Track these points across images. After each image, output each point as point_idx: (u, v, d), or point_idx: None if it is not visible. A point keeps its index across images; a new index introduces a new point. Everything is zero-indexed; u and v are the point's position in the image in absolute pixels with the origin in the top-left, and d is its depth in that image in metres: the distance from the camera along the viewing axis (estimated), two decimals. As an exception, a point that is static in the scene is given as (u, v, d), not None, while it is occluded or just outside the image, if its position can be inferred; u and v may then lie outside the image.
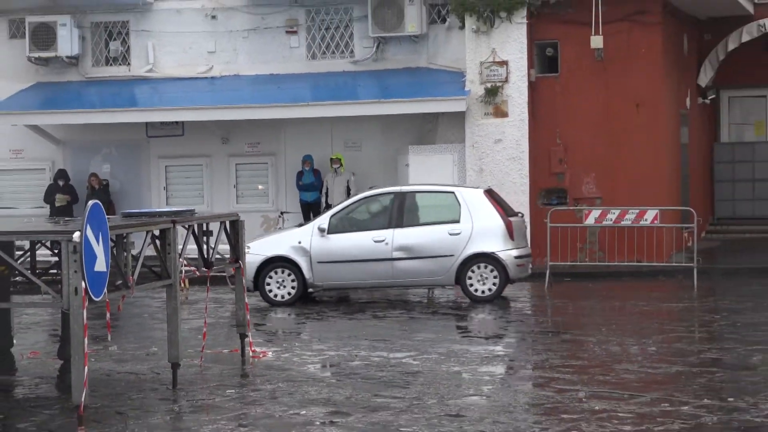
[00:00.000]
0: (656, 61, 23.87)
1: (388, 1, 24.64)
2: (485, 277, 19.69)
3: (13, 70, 26.81)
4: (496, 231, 19.70)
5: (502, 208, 20.58)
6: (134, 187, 26.61)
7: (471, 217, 19.46)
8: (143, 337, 15.93)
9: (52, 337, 14.97)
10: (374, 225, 20.48)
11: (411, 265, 19.82)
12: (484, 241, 19.61)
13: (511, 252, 19.93)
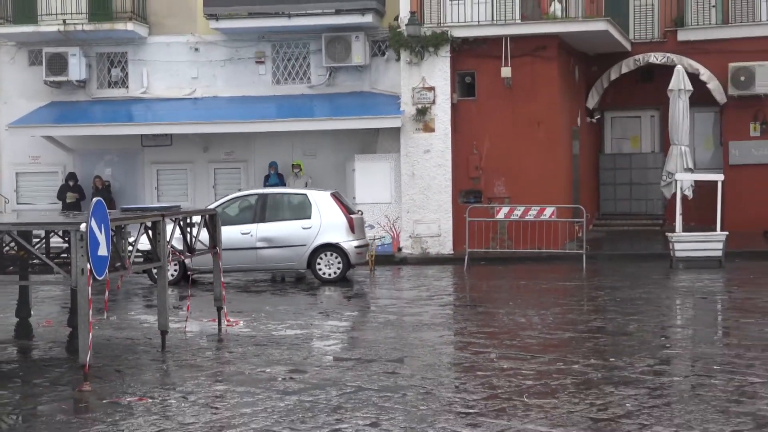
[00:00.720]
0: (553, 88, 24.03)
1: (338, 38, 24.68)
2: (331, 263, 20.11)
3: (32, 91, 26.62)
4: (339, 226, 20.17)
5: (345, 207, 21.10)
6: (131, 187, 26.47)
7: (320, 214, 19.84)
8: (138, 309, 15.88)
9: (63, 309, 14.91)
10: (242, 220, 20.62)
11: (272, 253, 20.18)
12: (330, 234, 20.03)
13: (352, 243, 20.36)
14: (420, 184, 24.21)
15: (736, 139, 26.71)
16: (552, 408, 8.65)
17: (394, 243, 24.17)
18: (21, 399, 9.52)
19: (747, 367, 10.33)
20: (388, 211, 24.45)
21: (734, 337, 12.54)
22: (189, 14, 26.12)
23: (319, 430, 7.99)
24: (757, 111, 26.46)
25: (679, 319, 14.80)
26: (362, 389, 9.52)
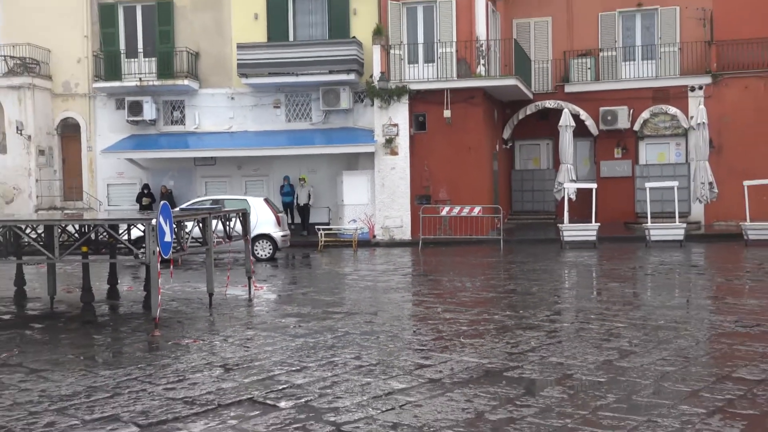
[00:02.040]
0: (479, 124, 24.10)
1: (330, 90, 24.63)
2: (264, 247, 20.02)
3: (118, 127, 26.43)
4: (269, 221, 20.03)
5: (273, 208, 21.05)
6: (186, 194, 26.30)
7: (256, 213, 19.16)
8: (193, 279, 15.82)
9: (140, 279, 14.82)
10: None
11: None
12: (263, 227, 19.82)
13: (278, 233, 20.37)
14: (388, 191, 24.26)
15: (604, 159, 26.94)
16: (480, 345, 8.69)
17: (370, 232, 24.20)
18: (111, 341, 9.52)
19: (613, 316, 10.41)
20: (365, 209, 24.49)
21: (604, 295, 12.64)
22: (227, 73, 26.01)
23: (319, 362, 7.99)
24: (618, 140, 26.67)
25: (566, 283, 14.91)
26: (349, 333, 9.54)
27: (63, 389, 7.04)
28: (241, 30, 25.82)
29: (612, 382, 6.97)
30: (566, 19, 27.53)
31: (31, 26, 26.41)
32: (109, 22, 26.47)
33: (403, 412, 6.15)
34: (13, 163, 26.06)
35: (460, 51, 24.31)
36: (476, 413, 6.11)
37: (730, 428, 5.63)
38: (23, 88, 25.85)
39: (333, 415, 6.12)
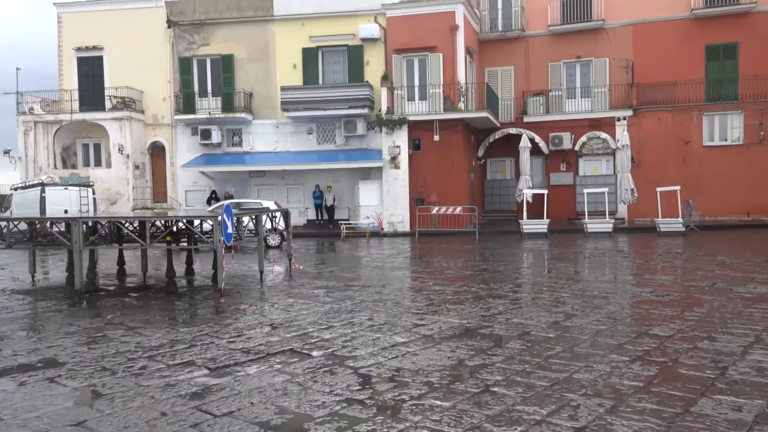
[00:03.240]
0: (460, 146, 24.04)
1: (349, 121, 24.58)
2: (274, 238, 19.20)
3: (192, 148, 26.48)
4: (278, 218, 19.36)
5: (281, 209, 20.31)
6: (244, 198, 26.36)
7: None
8: (248, 260, 15.82)
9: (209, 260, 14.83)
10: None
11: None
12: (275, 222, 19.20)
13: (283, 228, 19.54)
14: (392, 196, 24.19)
15: (553, 171, 26.81)
16: (461, 310, 8.65)
17: (379, 226, 24.15)
18: (188, 306, 9.51)
19: (560, 288, 10.36)
20: (376, 209, 24.42)
21: (553, 272, 12.59)
22: (273, 108, 26.00)
23: (341, 322, 7.97)
24: (563, 157, 26.57)
25: (525, 264, 14.84)
26: (364, 301, 9.51)
27: (153, 342, 7.06)
28: (283, 76, 25.81)
29: (559, 337, 6.94)
30: (524, 68, 27.50)
31: (130, 74, 26.47)
32: (187, 70, 26.50)
33: (404, 359, 6.14)
34: (116, 175, 26.13)
35: (445, 91, 24.25)
36: (458, 360, 6.09)
37: (647, 371, 5.60)
38: (123, 119, 25.91)
39: (352, 361, 6.11)
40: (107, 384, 5.49)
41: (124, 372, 5.85)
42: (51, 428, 4.49)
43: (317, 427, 4.44)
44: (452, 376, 5.59)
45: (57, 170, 26.06)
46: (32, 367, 6.09)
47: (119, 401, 5.03)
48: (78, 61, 27.09)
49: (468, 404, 4.84)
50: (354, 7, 25.22)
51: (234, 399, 5.04)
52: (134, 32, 26.52)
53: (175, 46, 26.56)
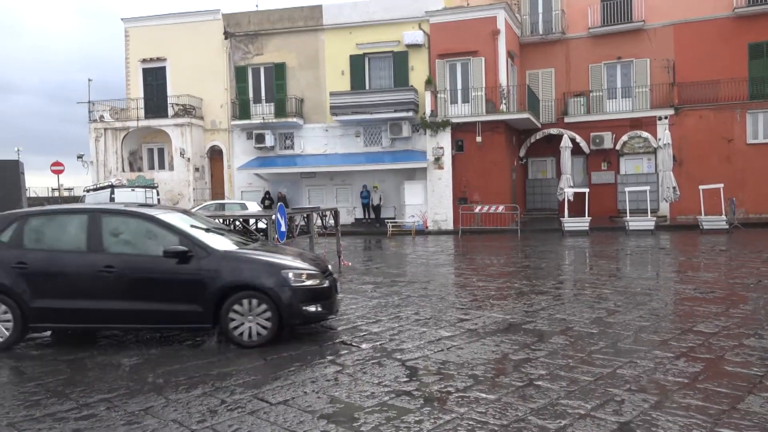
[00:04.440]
0: (502, 146, 23.73)
1: (395, 124, 24.59)
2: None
3: (248, 151, 26.92)
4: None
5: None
6: (296, 197, 26.69)
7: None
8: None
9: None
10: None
11: None
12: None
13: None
14: (436, 195, 24.04)
15: (594, 170, 26.20)
16: (505, 306, 8.53)
17: (424, 224, 24.05)
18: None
19: (602, 285, 10.11)
20: (421, 208, 24.32)
21: (595, 269, 12.30)
22: (323, 113, 26.19)
23: (389, 316, 7.97)
24: (604, 157, 25.93)
25: (566, 261, 14.53)
26: (410, 296, 9.49)
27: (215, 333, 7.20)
28: (332, 82, 25.98)
29: (602, 333, 6.77)
30: (565, 70, 26.95)
31: (190, 83, 27.12)
32: (242, 78, 26.97)
33: (449, 353, 6.09)
34: (178, 177, 26.82)
35: (487, 94, 23.95)
36: (502, 354, 6.01)
37: (692, 368, 5.40)
38: (184, 125, 26.57)
39: (400, 354, 6.09)
40: (172, 372, 5.62)
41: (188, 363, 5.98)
42: (121, 413, 4.62)
43: (367, 416, 4.45)
44: (497, 369, 5.51)
45: (125, 173, 26.91)
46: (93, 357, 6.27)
47: (183, 388, 5.14)
48: (143, 72, 27.91)
49: (513, 397, 4.77)
50: (399, 15, 25.19)
51: (288, 388, 5.08)
52: (194, 44, 27.16)
53: (232, 56, 27.06)
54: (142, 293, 6.23)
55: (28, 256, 6.40)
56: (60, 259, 6.38)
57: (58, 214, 6.87)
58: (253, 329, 6.29)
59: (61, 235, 6.58)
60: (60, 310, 6.30)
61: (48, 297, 6.28)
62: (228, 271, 6.24)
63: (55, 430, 4.34)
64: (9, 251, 6.46)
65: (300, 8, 26.52)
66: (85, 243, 6.43)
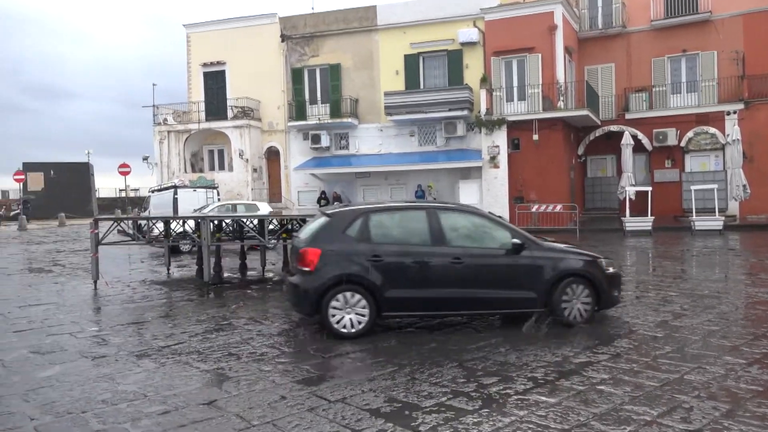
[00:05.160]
0: (559, 144, 23.24)
1: (450, 122, 24.46)
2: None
3: (304, 152, 27.31)
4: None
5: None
6: (351, 197, 26.87)
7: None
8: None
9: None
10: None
11: None
12: None
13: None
14: (492, 194, 23.77)
15: (657, 168, 25.31)
16: (563, 307, 8.28)
17: (479, 223, 23.79)
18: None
19: (667, 287, 9.75)
20: (476, 207, 24.12)
21: (659, 270, 11.86)
22: (377, 113, 26.31)
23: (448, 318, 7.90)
24: (668, 154, 25.01)
25: (628, 261, 14.07)
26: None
27: (272, 330, 7.33)
28: (386, 82, 26.07)
29: (668, 337, 6.52)
30: (626, 64, 26.13)
31: (248, 85, 27.78)
32: (298, 80, 27.41)
33: (508, 354, 5.98)
34: (237, 178, 27.51)
35: (544, 91, 23.50)
36: (563, 357, 5.87)
37: (766, 375, 5.13)
38: (243, 127, 27.23)
39: (457, 355, 6.02)
40: (233, 368, 5.76)
41: (247, 357, 6.12)
42: (186, 405, 4.77)
43: (425, 416, 4.43)
44: (557, 372, 5.39)
45: (187, 174, 27.81)
46: (169, 349, 6.52)
47: (244, 384, 5.27)
48: (204, 76, 28.77)
49: (574, 401, 4.65)
50: (453, 13, 25.04)
51: (346, 386, 5.13)
52: (252, 47, 27.79)
53: (288, 58, 27.54)
54: (486, 282, 6.81)
55: (379, 249, 6.73)
56: (411, 252, 6.78)
57: (396, 210, 7.31)
58: (580, 310, 7.04)
59: (404, 229, 7.01)
60: (411, 300, 6.75)
61: (399, 287, 6.68)
62: (557, 261, 7.02)
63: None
64: (360, 245, 6.77)
65: (354, 9, 26.73)
66: (429, 237, 6.87)
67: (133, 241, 12.73)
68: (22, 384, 5.39)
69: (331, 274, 6.60)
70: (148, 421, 4.44)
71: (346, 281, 6.60)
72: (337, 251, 6.71)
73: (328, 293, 6.59)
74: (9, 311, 8.99)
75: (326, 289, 6.59)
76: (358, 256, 6.68)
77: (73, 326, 7.82)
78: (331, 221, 7.00)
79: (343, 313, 6.66)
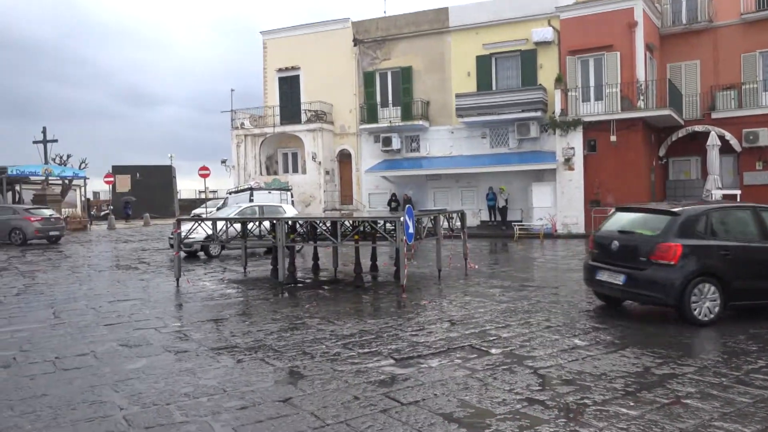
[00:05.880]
0: (639, 146, 22.28)
1: (523, 123, 24.00)
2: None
3: (375, 155, 27.53)
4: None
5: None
6: (421, 199, 26.84)
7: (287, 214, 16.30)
8: (427, 258, 16.03)
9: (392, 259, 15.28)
10: None
11: None
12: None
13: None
14: (566, 197, 23.09)
15: (747, 170, 23.77)
16: (647, 313, 7.96)
17: (553, 227, 23.15)
18: (373, 300, 9.85)
19: None
20: (549, 211, 23.48)
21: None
22: (449, 115, 26.17)
23: (518, 321, 7.77)
24: (759, 155, 23.45)
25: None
26: (540, 302, 9.18)
27: (344, 331, 7.43)
28: (458, 84, 25.88)
29: (761, 350, 6.11)
30: (712, 61, 24.75)
31: (321, 89, 28.31)
32: (370, 83, 27.67)
33: (584, 363, 5.81)
34: (310, 180, 28.08)
35: (623, 90, 22.63)
36: (644, 367, 5.62)
37: None
38: (316, 130, 27.77)
39: (531, 361, 5.91)
40: (307, 366, 5.88)
41: (321, 357, 6.22)
42: (263, 402, 4.90)
43: (499, 423, 4.35)
44: (638, 383, 5.16)
45: (262, 176, 28.64)
46: (246, 346, 6.73)
47: (318, 383, 5.35)
48: (279, 81, 29.55)
49: (658, 415, 4.44)
50: (527, 13, 24.56)
51: (418, 389, 5.11)
52: (325, 52, 28.29)
53: (360, 62, 27.86)
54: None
55: (726, 244, 7.42)
56: (750, 247, 7.52)
57: (728, 209, 7.98)
58: None
59: (737, 225, 7.72)
60: (754, 290, 7.48)
61: (743, 278, 7.36)
62: None
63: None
64: (711, 240, 7.43)
65: (426, 12, 26.72)
66: (757, 232, 7.66)
67: (212, 241, 13.21)
68: (112, 375, 5.71)
69: (692, 267, 7.21)
70: (228, 416, 4.59)
71: (703, 273, 7.23)
72: (694, 246, 7.29)
73: (689, 284, 7.19)
74: (100, 305, 9.56)
75: (688, 281, 7.19)
76: (710, 250, 7.33)
77: (158, 321, 8.21)
78: (682, 219, 7.50)
79: (699, 304, 7.27)
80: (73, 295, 10.63)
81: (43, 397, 5.10)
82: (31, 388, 5.35)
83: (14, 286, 11.88)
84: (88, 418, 4.59)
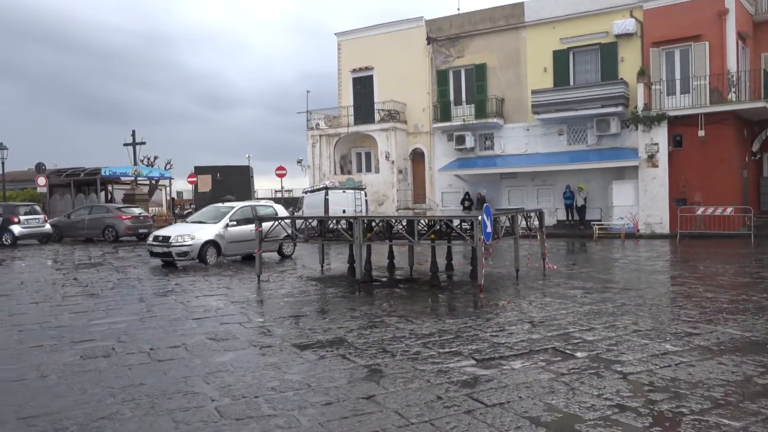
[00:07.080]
0: (729, 141, 21.05)
1: (602, 120, 23.18)
2: (289, 245, 16.46)
3: (448, 153, 27.40)
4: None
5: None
6: (495, 198, 26.44)
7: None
8: (503, 258, 15.79)
9: (466, 258, 15.15)
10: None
11: None
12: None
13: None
14: (649, 196, 22.10)
15: None
16: (742, 321, 7.51)
17: (635, 227, 22.25)
18: (450, 299, 9.79)
19: None
20: (631, 209, 22.56)
21: None
22: (524, 112, 25.65)
23: (603, 324, 7.49)
24: None
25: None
26: (625, 304, 8.83)
27: (423, 330, 7.41)
28: (534, 80, 25.32)
29: None
30: (813, 49, 23.05)
31: (394, 89, 28.43)
32: (443, 81, 27.53)
33: (678, 370, 5.52)
34: (383, 179, 28.26)
35: (712, 82, 21.42)
36: (745, 376, 5.28)
37: None
38: (389, 130, 27.91)
39: (619, 366, 5.68)
40: (388, 365, 5.90)
41: (401, 355, 6.23)
42: (347, 398, 4.96)
43: (589, 429, 4.20)
44: (739, 393, 4.85)
45: (336, 176, 29.10)
46: (328, 343, 6.84)
47: (400, 381, 5.36)
48: (353, 81, 29.91)
49: (762, 427, 4.15)
50: (607, 4, 23.70)
51: (502, 391, 5.02)
52: (398, 51, 28.38)
53: (434, 61, 27.76)
54: None
55: None
56: None
57: None
58: None
59: None
60: None
61: None
62: None
63: None
64: None
65: (501, 7, 26.28)
66: None
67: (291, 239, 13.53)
68: (202, 367, 5.94)
69: None
70: (314, 411, 4.68)
71: None
72: None
73: None
74: (188, 300, 10.00)
75: None
76: None
77: (242, 316, 8.49)
78: None
79: None
80: (162, 290, 11.18)
81: (141, 386, 5.38)
82: (129, 377, 5.65)
83: (110, 281, 12.63)
84: (183, 408, 4.79)
